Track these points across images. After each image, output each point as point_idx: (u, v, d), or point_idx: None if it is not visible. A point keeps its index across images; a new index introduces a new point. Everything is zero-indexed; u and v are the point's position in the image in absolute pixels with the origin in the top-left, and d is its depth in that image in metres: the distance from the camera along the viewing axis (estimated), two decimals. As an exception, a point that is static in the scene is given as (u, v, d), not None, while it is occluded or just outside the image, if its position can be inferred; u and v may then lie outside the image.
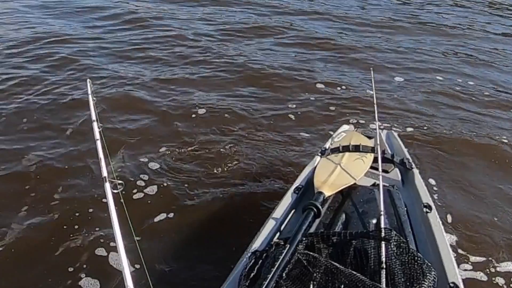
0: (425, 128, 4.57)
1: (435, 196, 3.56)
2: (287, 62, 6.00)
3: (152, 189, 3.49)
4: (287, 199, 2.48)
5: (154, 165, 3.78)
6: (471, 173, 3.92)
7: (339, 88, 5.33)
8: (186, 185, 3.56)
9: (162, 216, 3.25)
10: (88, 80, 3.03)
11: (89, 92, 2.85)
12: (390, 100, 5.16)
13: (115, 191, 2.02)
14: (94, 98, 2.76)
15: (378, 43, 7.03)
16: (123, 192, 2.09)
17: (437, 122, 4.72)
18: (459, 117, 4.87)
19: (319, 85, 5.39)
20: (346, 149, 2.80)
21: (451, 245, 2.21)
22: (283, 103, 4.94)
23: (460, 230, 3.24)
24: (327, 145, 2.95)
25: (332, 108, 4.87)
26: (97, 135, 2.40)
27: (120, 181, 2.06)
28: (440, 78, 5.86)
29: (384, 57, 6.48)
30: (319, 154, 2.85)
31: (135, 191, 3.45)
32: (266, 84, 5.37)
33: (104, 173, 2.08)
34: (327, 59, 6.25)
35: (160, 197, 3.43)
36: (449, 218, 3.35)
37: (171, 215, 3.26)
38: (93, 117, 2.60)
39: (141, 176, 3.65)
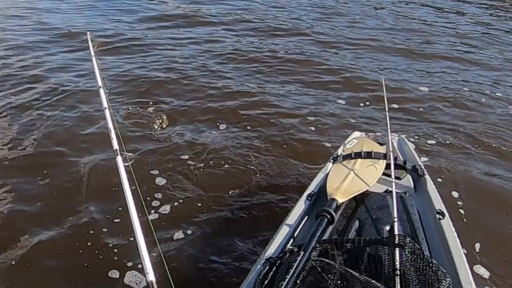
0: (439, 136, 4.54)
1: (450, 202, 3.53)
2: (298, 69, 6.02)
3: (167, 206, 3.50)
4: (300, 206, 2.49)
5: (169, 176, 3.82)
6: (493, 181, 3.88)
7: (351, 95, 5.33)
8: (199, 191, 3.60)
9: (181, 230, 3.25)
10: (87, 33, 2.95)
11: (91, 50, 2.73)
12: (404, 106, 5.16)
13: (126, 164, 2.03)
14: (99, 60, 2.69)
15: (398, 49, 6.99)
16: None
17: (456, 131, 4.69)
18: (482, 129, 4.79)
19: (330, 93, 5.39)
20: (358, 155, 2.81)
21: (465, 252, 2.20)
22: (293, 110, 4.96)
23: (477, 238, 3.22)
24: (339, 151, 2.96)
25: (344, 115, 4.88)
26: (104, 103, 2.31)
27: (130, 154, 2.07)
28: (466, 90, 5.76)
29: (399, 63, 6.45)
30: (331, 161, 2.86)
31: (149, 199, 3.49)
32: (278, 92, 5.39)
33: (115, 145, 2.07)
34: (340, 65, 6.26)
35: (176, 206, 3.46)
36: (465, 225, 3.33)
37: (185, 221, 3.30)
38: (99, 83, 2.50)
39: (156, 194, 3.59)
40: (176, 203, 3.47)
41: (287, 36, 7.33)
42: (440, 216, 2.30)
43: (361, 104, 5.18)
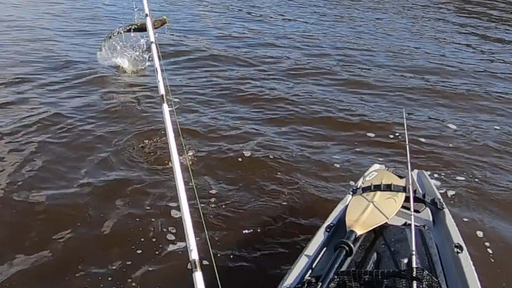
0: (464, 172, 4.51)
1: (476, 240, 3.54)
2: (319, 101, 6.09)
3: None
4: (319, 237, 2.53)
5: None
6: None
7: (372, 127, 5.37)
8: (217, 219, 3.67)
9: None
10: None
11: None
12: (426, 139, 5.17)
13: (170, 108, 2.13)
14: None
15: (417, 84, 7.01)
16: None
17: (483, 168, 4.66)
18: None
19: (351, 124, 5.44)
20: (377, 188, 2.85)
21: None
22: (312, 141, 5.01)
23: (504, 280, 3.20)
24: (359, 183, 3.01)
25: (364, 147, 4.91)
26: (152, 37, 2.39)
27: (176, 99, 2.16)
28: (498, 128, 5.69)
29: (423, 95, 6.46)
30: (351, 193, 2.90)
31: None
32: (298, 121, 5.47)
33: (162, 91, 2.15)
34: (362, 98, 6.30)
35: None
36: (492, 266, 3.31)
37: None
38: (146, 10, 2.55)
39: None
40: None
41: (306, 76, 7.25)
42: (458, 250, 2.31)
43: (382, 136, 5.20)
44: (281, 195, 3.99)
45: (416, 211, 2.75)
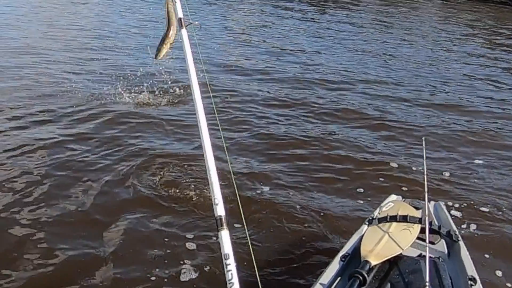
0: (487, 205, 4.46)
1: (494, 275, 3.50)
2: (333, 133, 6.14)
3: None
4: (334, 266, 2.57)
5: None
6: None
7: (389, 158, 5.39)
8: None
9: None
10: None
11: None
12: (449, 172, 5.14)
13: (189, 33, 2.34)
14: None
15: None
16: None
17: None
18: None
19: (368, 156, 5.45)
20: (393, 219, 2.88)
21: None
22: (330, 172, 5.03)
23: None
24: (375, 214, 3.04)
25: (381, 178, 4.92)
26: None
27: (197, 22, 2.27)
28: None
29: (447, 130, 6.44)
30: (367, 223, 2.94)
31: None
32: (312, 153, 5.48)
33: (180, 14, 2.31)
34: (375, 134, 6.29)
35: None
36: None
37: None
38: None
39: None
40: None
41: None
42: (472, 283, 2.32)
43: (402, 167, 5.20)
44: (303, 221, 4.06)
45: (431, 242, 2.76)
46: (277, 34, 12.11)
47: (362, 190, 4.66)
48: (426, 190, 3.04)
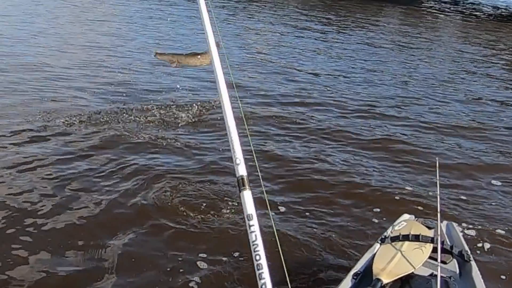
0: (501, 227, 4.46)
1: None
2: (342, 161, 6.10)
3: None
4: (346, 284, 2.62)
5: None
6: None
7: (404, 182, 5.41)
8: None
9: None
10: None
11: None
12: (464, 192, 5.15)
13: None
14: None
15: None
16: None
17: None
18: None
19: (382, 180, 5.45)
20: (406, 238, 2.92)
21: None
22: (343, 197, 5.03)
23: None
24: (388, 233, 3.08)
25: (396, 198, 4.95)
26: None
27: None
28: None
29: (462, 154, 6.40)
30: (379, 242, 2.98)
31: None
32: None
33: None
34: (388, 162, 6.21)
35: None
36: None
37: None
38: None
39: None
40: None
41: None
42: None
43: (413, 187, 5.23)
44: (316, 238, 4.13)
45: (443, 262, 2.79)
46: (295, 53, 12.17)
47: (378, 209, 4.71)
48: (438, 209, 3.07)
